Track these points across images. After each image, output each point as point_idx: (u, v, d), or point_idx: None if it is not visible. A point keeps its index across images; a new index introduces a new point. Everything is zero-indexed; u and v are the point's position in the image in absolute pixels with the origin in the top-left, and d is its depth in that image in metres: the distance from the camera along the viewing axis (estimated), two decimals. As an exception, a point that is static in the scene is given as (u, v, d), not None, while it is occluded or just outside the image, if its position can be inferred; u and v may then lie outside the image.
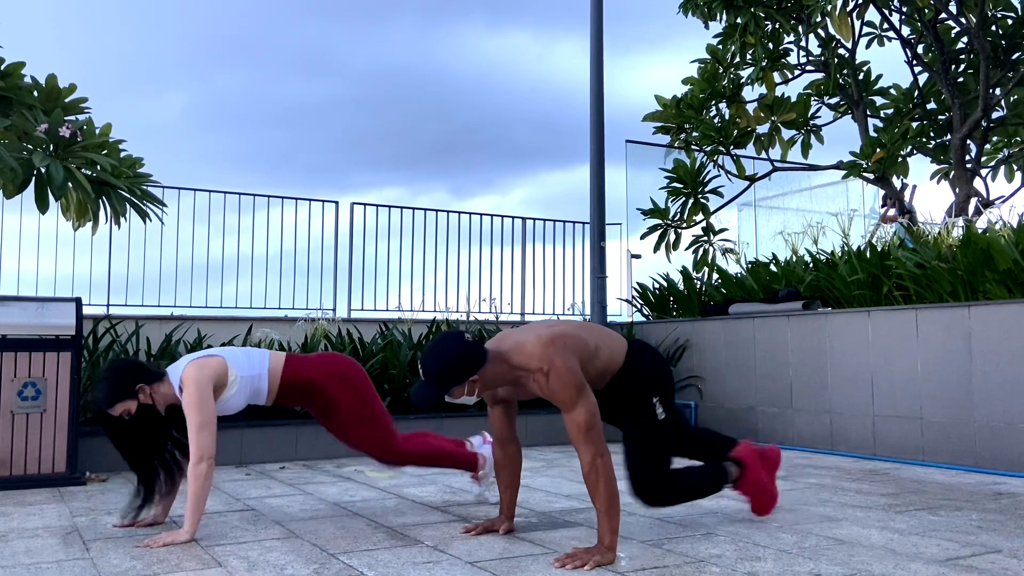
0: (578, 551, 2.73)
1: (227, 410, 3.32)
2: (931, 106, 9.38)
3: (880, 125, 9.33)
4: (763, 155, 9.31)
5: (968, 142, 8.77)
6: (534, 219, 9.03)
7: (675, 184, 8.75)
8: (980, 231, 5.81)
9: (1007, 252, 5.10)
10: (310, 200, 8.01)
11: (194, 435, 3.07)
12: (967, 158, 8.79)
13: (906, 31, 9.26)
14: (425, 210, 8.49)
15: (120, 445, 3.31)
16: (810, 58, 9.45)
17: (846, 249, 6.55)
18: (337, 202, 8.11)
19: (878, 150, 8.23)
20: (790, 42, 9.32)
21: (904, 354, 5.41)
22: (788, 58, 9.29)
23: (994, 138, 9.53)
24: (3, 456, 4.38)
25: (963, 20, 8.53)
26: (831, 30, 8.99)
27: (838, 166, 8.84)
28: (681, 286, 7.64)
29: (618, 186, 8.86)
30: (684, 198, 8.78)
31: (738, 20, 8.90)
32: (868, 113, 9.38)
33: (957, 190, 8.67)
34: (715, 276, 7.72)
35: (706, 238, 8.78)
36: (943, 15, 8.65)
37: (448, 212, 8.60)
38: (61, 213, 5.08)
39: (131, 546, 2.99)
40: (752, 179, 9.23)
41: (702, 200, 8.77)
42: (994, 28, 8.73)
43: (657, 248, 8.71)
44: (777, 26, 9.11)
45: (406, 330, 6.82)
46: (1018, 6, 8.57)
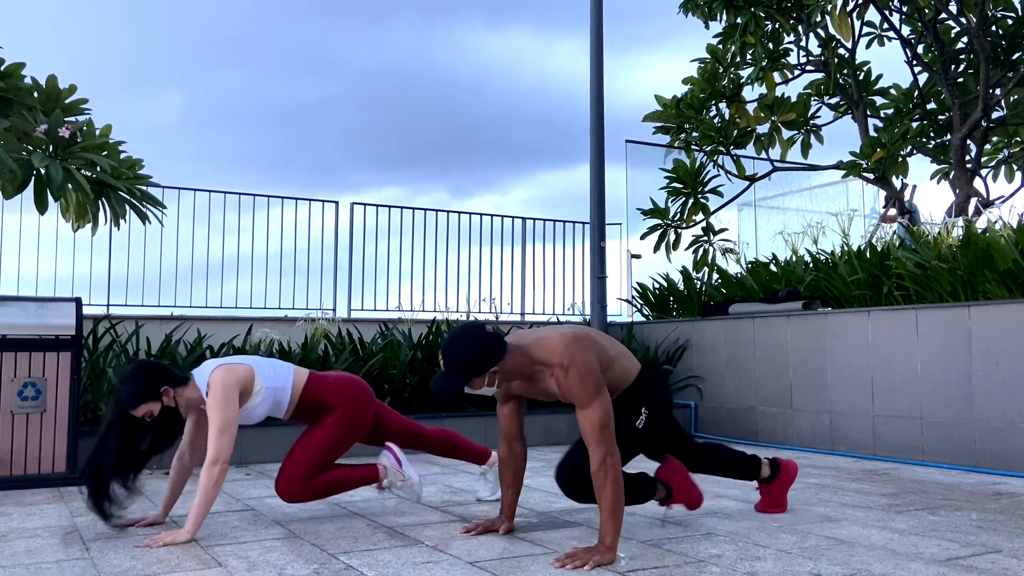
0: (578, 551, 2.74)
1: (247, 420, 3.32)
2: (931, 106, 9.39)
3: (880, 125, 9.34)
4: (763, 155, 9.31)
5: (968, 142, 8.77)
6: (534, 219, 9.04)
7: (675, 184, 8.76)
8: (980, 231, 5.81)
9: (1007, 252, 5.10)
10: (310, 200, 8.02)
11: (214, 436, 3.07)
12: (967, 158, 8.79)
13: (906, 31, 9.26)
14: (425, 210, 8.49)
15: (121, 447, 3.23)
16: (810, 58, 9.45)
17: (846, 249, 6.55)
18: (337, 202, 8.13)
19: (878, 150, 8.23)
20: (790, 42, 9.32)
21: (904, 354, 5.41)
22: (788, 58, 9.29)
23: (994, 138, 9.53)
24: (3, 456, 4.38)
25: (963, 20, 8.53)
26: (831, 30, 8.99)
27: (838, 166, 8.84)
28: (681, 286, 7.64)
29: (618, 186, 8.87)
30: (684, 198, 8.78)
31: (738, 20, 8.89)
32: (868, 113, 9.38)
33: (957, 190, 8.68)
34: (715, 276, 7.72)
35: (706, 238, 8.78)
36: (943, 15, 8.65)
37: (448, 212, 8.60)
38: (60, 214, 5.09)
39: (131, 546, 2.99)
40: (752, 179, 9.23)
41: (702, 200, 8.77)
42: (994, 28, 8.74)
43: (657, 248, 8.71)
44: (777, 26, 9.11)
45: (406, 330, 6.82)
46: (1018, 6, 8.57)
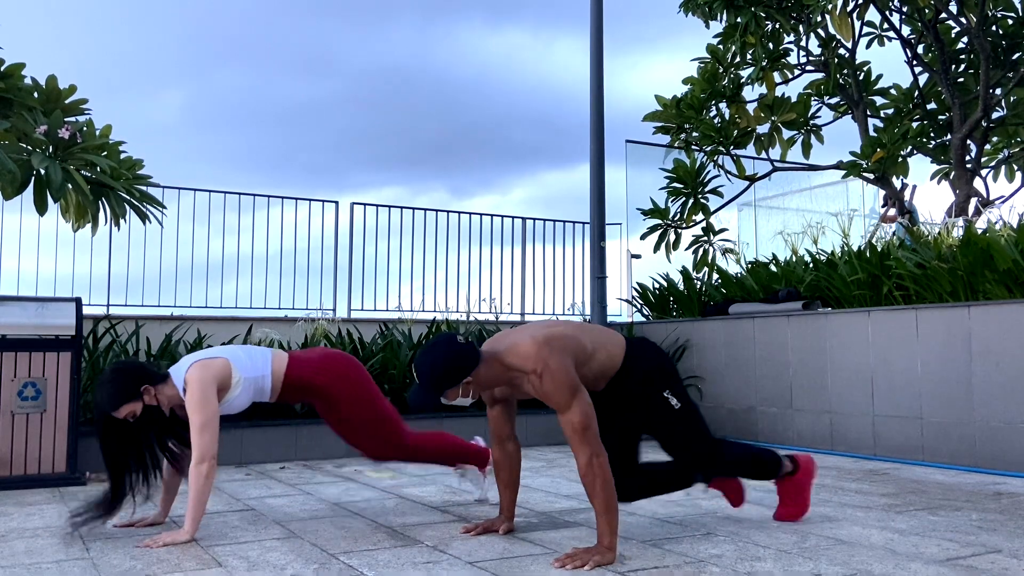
0: (578, 551, 2.73)
1: (231, 410, 3.32)
2: (931, 106, 9.38)
3: (880, 125, 9.33)
4: (763, 155, 9.31)
5: (968, 142, 8.77)
6: (534, 219, 9.04)
7: (675, 184, 8.76)
8: (980, 231, 5.81)
9: (1007, 252, 5.10)
10: (310, 200, 8.02)
11: (196, 435, 3.07)
12: (967, 158, 8.79)
13: (906, 31, 9.26)
14: (425, 210, 8.49)
15: (112, 448, 3.21)
16: (810, 58, 9.45)
17: (846, 249, 6.55)
18: (337, 202, 8.13)
19: (878, 150, 8.23)
20: (790, 42, 9.32)
21: (904, 354, 5.40)
22: (788, 58, 9.29)
23: (994, 138, 9.53)
24: (3, 456, 4.38)
25: (963, 20, 8.53)
26: (831, 30, 8.99)
27: (838, 166, 8.84)
28: (681, 286, 7.64)
29: (618, 186, 8.87)
30: (684, 198, 8.78)
31: (738, 20, 8.90)
32: (868, 113, 9.38)
33: (957, 190, 8.67)
34: (715, 276, 7.72)
35: (706, 238, 8.79)
36: (943, 15, 8.65)
37: (448, 212, 8.60)
38: (60, 214, 5.09)
39: (131, 546, 2.99)
40: (752, 179, 9.23)
41: (702, 200, 8.77)
42: (994, 28, 8.74)
43: (657, 248, 8.71)
44: (777, 26, 9.11)
45: (406, 330, 6.82)
46: (1018, 6, 8.57)
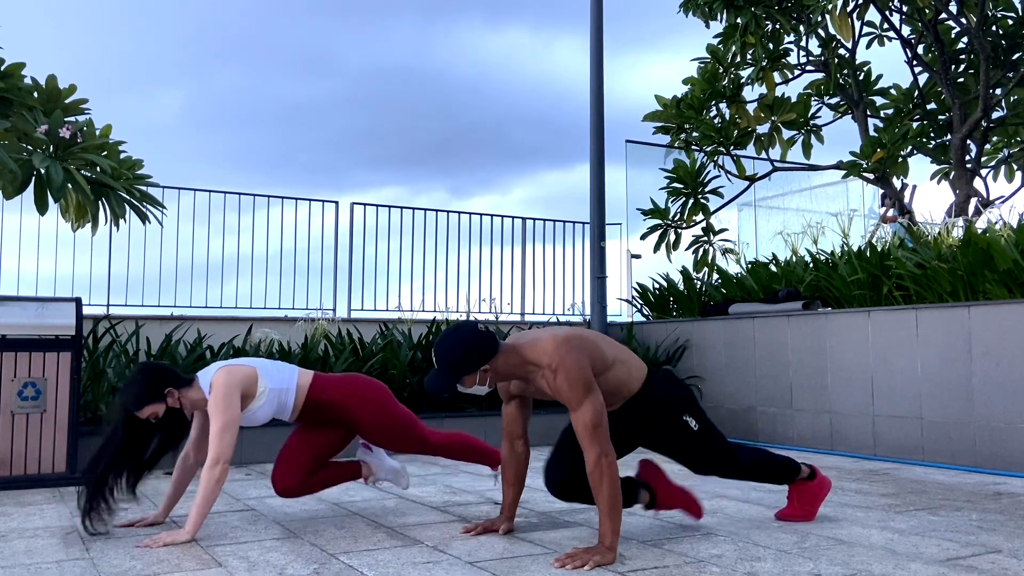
0: (578, 551, 2.74)
1: (252, 421, 3.32)
2: (931, 106, 9.39)
3: (880, 125, 9.34)
4: (763, 155, 9.31)
5: (968, 142, 8.77)
6: (534, 219, 9.04)
7: (675, 184, 8.76)
8: (980, 231, 5.81)
9: (1007, 252, 5.10)
10: (310, 200, 8.02)
11: (215, 437, 3.07)
12: (967, 158, 8.80)
13: (906, 31, 9.26)
14: (425, 210, 8.49)
15: (118, 447, 3.23)
16: (810, 58, 9.45)
17: (846, 249, 6.55)
18: (337, 202, 8.13)
19: (878, 150, 8.23)
20: (790, 42, 9.33)
21: (904, 354, 5.40)
22: (788, 58, 9.29)
23: (994, 138, 9.54)
24: (3, 456, 4.38)
25: (963, 20, 8.53)
26: (831, 30, 9.00)
27: (838, 166, 8.84)
28: (681, 286, 7.64)
29: (618, 186, 8.87)
30: (684, 198, 8.79)
31: (738, 20, 8.90)
32: (868, 113, 9.38)
33: (957, 190, 8.68)
34: (715, 276, 7.72)
35: (706, 238, 8.79)
36: (943, 15, 8.65)
37: (448, 212, 8.60)
38: (60, 214, 5.08)
39: (131, 546, 2.99)
40: (752, 179, 9.23)
41: (702, 200, 8.78)
42: (994, 28, 8.74)
43: (657, 248, 8.71)
44: (777, 26, 9.11)
45: (406, 330, 6.82)
46: (1018, 6, 8.57)
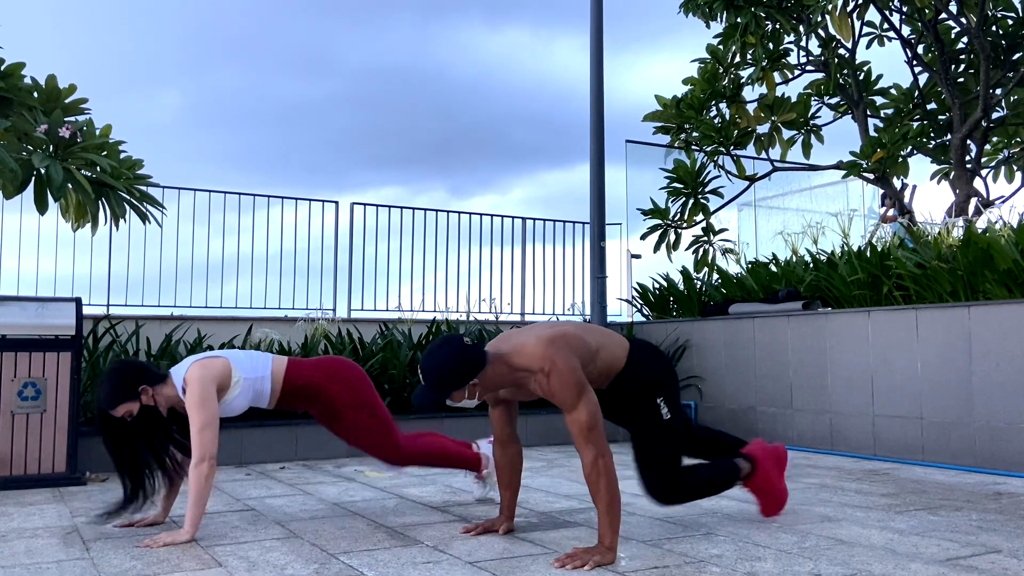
0: (578, 551, 2.74)
1: (229, 412, 3.32)
2: (931, 106, 9.38)
3: (880, 125, 9.34)
4: (763, 155, 9.31)
5: (968, 142, 8.77)
6: (534, 219, 9.04)
7: (675, 184, 8.76)
8: (980, 231, 5.80)
9: (1007, 252, 5.10)
10: (310, 200, 8.02)
11: (196, 435, 3.07)
12: (967, 158, 8.79)
13: (906, 31, 9.26)
14: (425, 210, 8.49)
15: (114, 447, 3.26)
16: (810, 58, 9.45)
17: (846, 249, 6.55)
18: (337, 202, 8.13)
19: (878, 150, 8.23)
20: (790, 42, 9.32)
21: (904, 354, 5.40)
22: (788, 58, 9.29)
23: (994, 138, 9.53)
24: (3, 456, 4.38)
25: (963, 20, 8.53)
26: (831, 30, 8.99)
27: (838, 166, 8.84)
28: (681, 286, 7.64)
29: (618, 186, 8.87)
30: (684, 198, 8.78)
31: (738, 20, 8.90)
32: (868, 113, 9.38)
33: (957, 190, 8.68)
34: (715, 276, 7.72)
35: (706, 238, 8.79)
36: (943, 15, 8.65)
37: (448, 212, 8.60)
38: (60, 214, 5.08)
39: (131, 546, 2.99)
40: (752, 179, 9.23)
41: (702, 200, 8.77)
42: (994, 28, 8.74)
43: (657, 248, 8.71)
44: (777, 26, 9.11)
45: (406, 330, 6.82)
46: (1018, 6, 8.57)
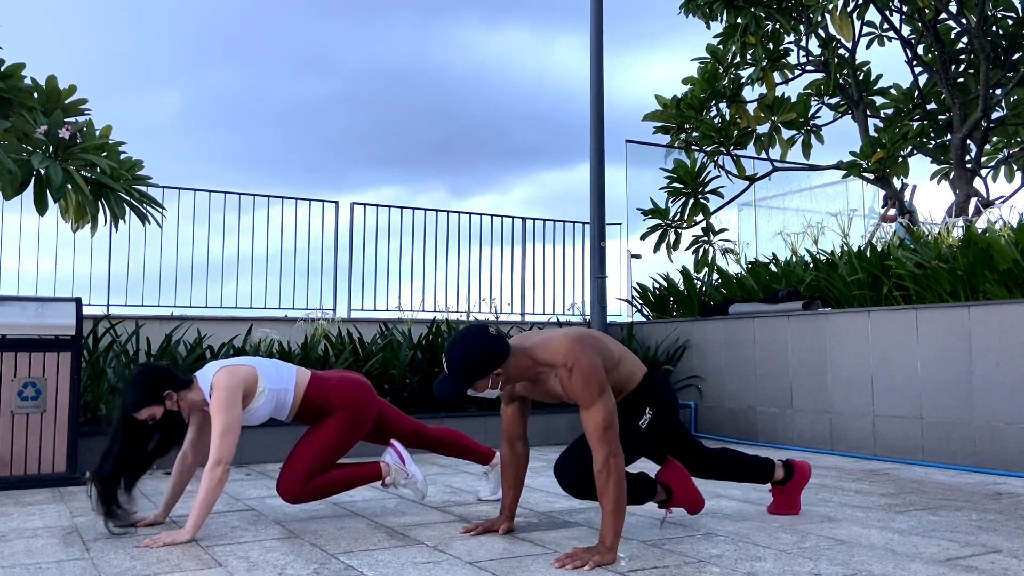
0: (578, 551, 2.73)
1: (251, 420, 3.33)
2: (931, 106, 9.38)
3: (880, 125, 9.33)
4: (763, 155, 9.31)
5: (968, 142, 8.76)
6: (534, 219, 9.05)
7: (675, 184, 8.76)
8: (980, 231, 5.81)
9: (1007, 252, 5.10)
10: (310, 200, 8.02)
11: (217, 438, 3.08)
12: (967, 158, 8.79)
13: (906, 31, 9.26)
14: (425, 210, 8.49)
15: (126, 450, 3.22)
16: (810, 58, 9.45)
17: (846, 249, 6.55)
18: (337, 202, 8.13)
19: (878, 150, 8.23)
20: (790, 42, 9.32)
21: (904, 354, 5.40)
22: (788, 58, 9.29)
23: (994, 138, 9.53)
24: (3, 456, 4.38)
25: (963, 20, 8.53)
26: (831, 30, 9.00)
27: (838, 166, 8.84)
28: (681, 286, 7.64)
29: (618, 186, 8.87)
30: (684, 198, 8.79)
31: (738, 20, 8.90)
32: (868, 113, 9.38)
33: (957, 190, 8.67)
34: (715, 276, 7.72)
35: (706, 238, 8.79)
36: (943, 15, 8.65)
37: (448, 212, 8.61)
38: (60, 215, 5.09)
39: (131, 546, 2.99)
40: (752, 179, 9.23)
41: (702, 200, 8.77)
42: (994, 28, 8.74)
43: (657, 248, 8.71)
44: (777, 26, 9.11)
45: (406, 330, 6.82)
46: (1018, 6, 8.57)
